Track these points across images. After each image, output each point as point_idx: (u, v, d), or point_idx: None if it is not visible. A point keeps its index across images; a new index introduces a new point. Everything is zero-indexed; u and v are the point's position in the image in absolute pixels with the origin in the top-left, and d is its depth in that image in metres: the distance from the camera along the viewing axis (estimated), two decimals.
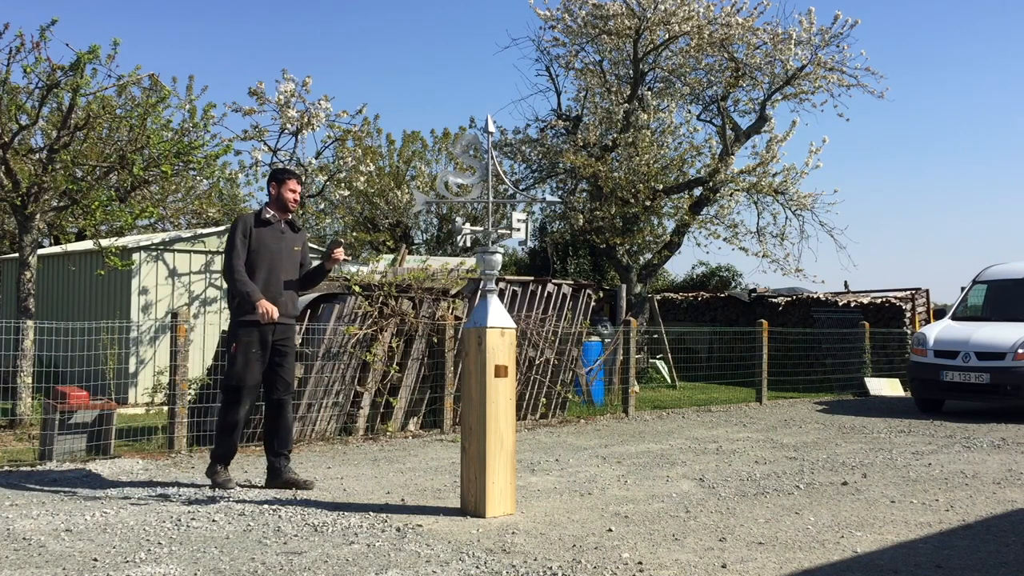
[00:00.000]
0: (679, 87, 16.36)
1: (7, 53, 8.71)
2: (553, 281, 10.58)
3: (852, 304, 16.86)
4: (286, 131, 12.39)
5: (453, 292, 9.50)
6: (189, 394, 8.02)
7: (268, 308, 5.86)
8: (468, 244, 6.00)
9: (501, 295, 9.54)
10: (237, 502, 5.68)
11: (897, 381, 14.70)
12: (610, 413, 11.02)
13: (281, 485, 6.14)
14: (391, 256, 13.88)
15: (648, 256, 18.23)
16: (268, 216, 6.13)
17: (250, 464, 7.16)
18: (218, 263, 11.80)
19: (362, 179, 14.14)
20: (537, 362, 10.12)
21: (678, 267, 52.70)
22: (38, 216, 9.56)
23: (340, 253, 6.24)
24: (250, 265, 6.01)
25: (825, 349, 15.44)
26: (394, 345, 8.90)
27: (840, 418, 11.02)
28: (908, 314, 16.39)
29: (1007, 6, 57.48)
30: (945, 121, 62.01)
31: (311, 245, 12.73)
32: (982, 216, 56.44)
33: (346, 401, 8.63)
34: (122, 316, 11.21)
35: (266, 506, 5.56)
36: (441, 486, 6.33)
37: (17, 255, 10.25)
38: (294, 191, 6.24)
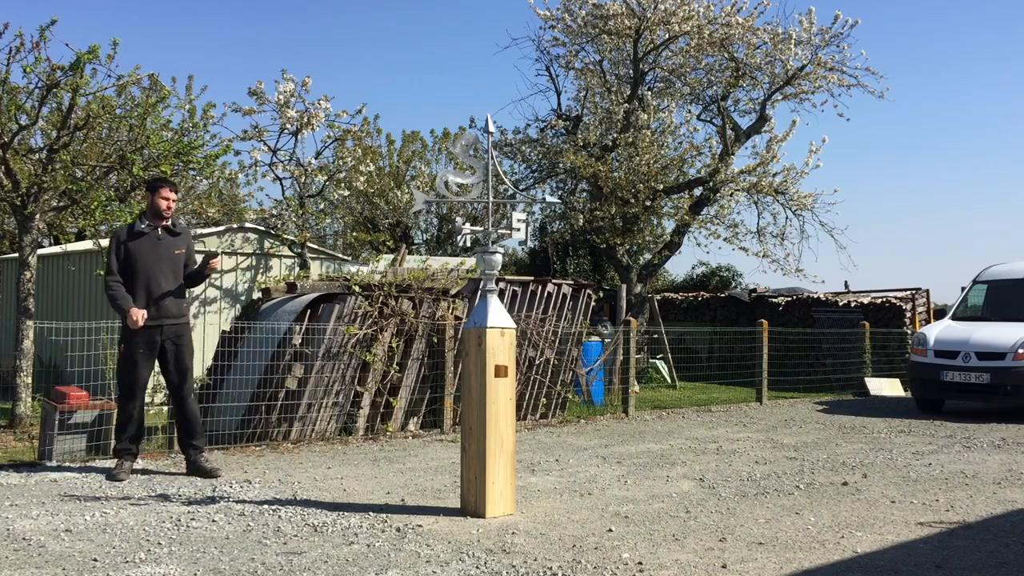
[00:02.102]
0: (679, 87, 16.34)
1: (7, 53, 8.70)
2: (553, 281, 10.58)
3: (852, 304, 16.85)
4: (286, 131, 12.38)
5: (453, 292, 9.50)
6: None
7: (136, 315, 6.28)
8: (468, 244, 6.01)
9: (501, 295, 9.54)
10: (237, 502, 5.68)
11: (897, 381, 14.69)
12: (610, 413, 11.02)
13: (194, 473, 6.58)
14: (391, 256, 13.87)
15: (648, 256, 18.22)
16: (141, 228, 6.55)
17: (250, 464, 7.17)
18: (218, 263, 11.79)
19: (362, 179, 14.10)
20: (537, 362, 10.11)
21: (678, 267, 52.77)
22: (38, 216, 9.55)
23: (216, 263, 6.73)
24: (129, 276, 6.45)
25: (825, 349, 15.43)
26: (394, 345, 8.89)
27: (840, 418, 11.02)
28: (908, 314, 16.38)
29: (1007, 6, 57.52)
30: (945, 121, 62.05)
31: (311, 245, 12.77)
32: (982, 216, 56.48)
33: (346, 401, 8.63)
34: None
35: (266, 506, 5.56)
36: (441, 486, 6.33)
37: (17, 255, 10.24)
38: (167, 198, 6.59)
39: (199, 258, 7.05)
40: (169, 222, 6.63)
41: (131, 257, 6.45)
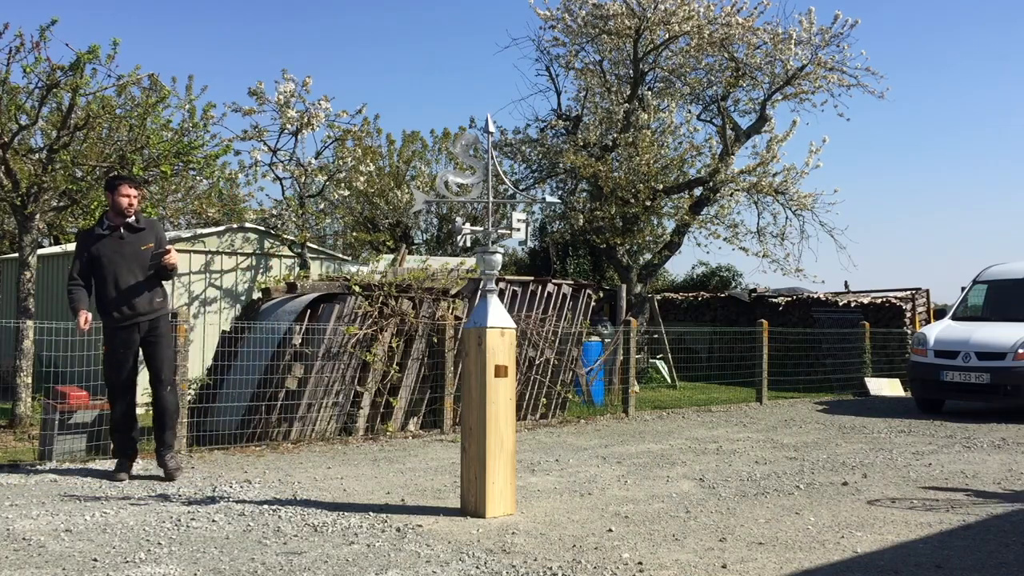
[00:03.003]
0: (679, 87, 16.35)
1: (7, 53, 8.70)
2: (553, 281, 10.58)
3: (852, 304, 16.85)
4: (286, 131, 12.38)
5: (453, 292, 9.50)
6: (189, 394, 8.01)
7: (82, 320, 6.23)
8: (468, 244, 6.01)
9: (501, 295, 9.54)
10: (237, 502, 5.68)
11: (897, 381, 14.69)
12: (610, 413, 11.02)
13: (160, 466, 6.54)
14: (391, 256, 13.87)
15: (648, 256, 18.21)
16: (101, 230, 6.46)
17: (250, 464, 7.17)
18: (218, 263, 11.80)
19: (362, 179, 14.09)
20: (537, 362, 10.11)
21: (678, 267, 52.72)
22: (38, 216, 9.56)
23: (168, 258, 6.47)
24: (98, 279, 6.41)
25: (825, 349, 15.43)
26: (394, 345, 8.89)
27: (840, 418, 11.02)
28: (908, 314, 16.38)
29: (1007, 6, 57.52)
30: (945, 121, 62.05)
31: (311, 245, 12.77)
32: (982, 216, 56.46)
33: (346, 401, 8.63)
34: None
35: (266, 506, 5.56)
36: (441, 486, 6.33)
37: (17, 255, 10.25)
38: (127, 195, 6.45)
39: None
40: (132, 218, 6.48)
41: (96, 261, 6.37)
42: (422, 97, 58.94)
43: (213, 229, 12.54)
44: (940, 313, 16.16)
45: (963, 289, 13.10)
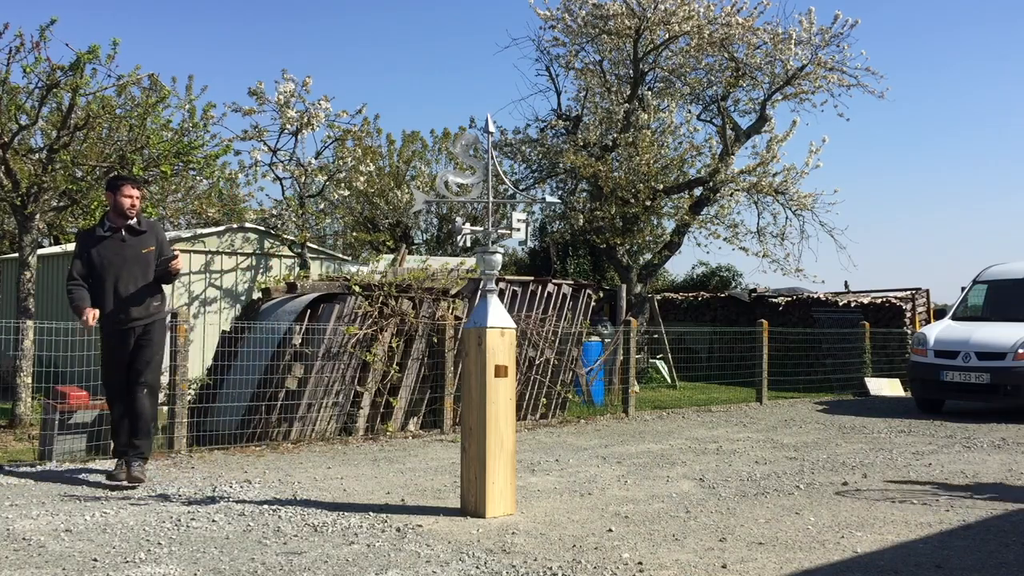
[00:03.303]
0: (679, 87, 16.35)
1: (7, 53, 8.72)
2: (553, 281, 10.58)
3: (852, 304, 16.85)
4: (286, 131, 12.40)
5: (453, 292, 9.50)
6: (189, 394, 8.02)
7: (88, 317, 6.06)
8: (468, 244, 6.01)
9: (501, 295, 9.54)
10: (237, 502, 5.68)
11: (897, 381, 14.69)
12: (610, 413, 11.02)
13: (126, 472, 6.21)
14: (391, 256, 13.88)
15: (648, 256, 18.23)
16: (102, 232, 6.34)
17: (250, 464, 7.17)
18: (218, 263, 11.81)
19: (362, 179, 14.12)
20: (537, 362, 10.11)
21: (678, 267, 52.73)
22: (38, 216, 9.56)
23: (176, 264, 6.38)
24: (96, 281, 6.26)
25: (825, 349, 15.43)
26: (394, 345, 8.90)
27: (840, 418, 11.02)
28: (908, 314, 16.38)
29: (1007, 6, 57.51)
30: (945, 121, 62.04)
31: (311, 245, 12.77)
32: (982, 216, 56.46)
33: (346, 401, 8.63)
34: None
35: (266, 506, 5.56)
36: (441, 486, 6.33)
37: (17, 255, 10.25)
38: (130, 196, 6.31)
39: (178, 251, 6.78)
40: (134, 220, 6.35)
41: (96, 263, 6.23)
42: (422, 97, 58.96)
43: (213, 229, 12.55)
44: (940, 313, 16.16)
45: (963, 289, 13.10)
